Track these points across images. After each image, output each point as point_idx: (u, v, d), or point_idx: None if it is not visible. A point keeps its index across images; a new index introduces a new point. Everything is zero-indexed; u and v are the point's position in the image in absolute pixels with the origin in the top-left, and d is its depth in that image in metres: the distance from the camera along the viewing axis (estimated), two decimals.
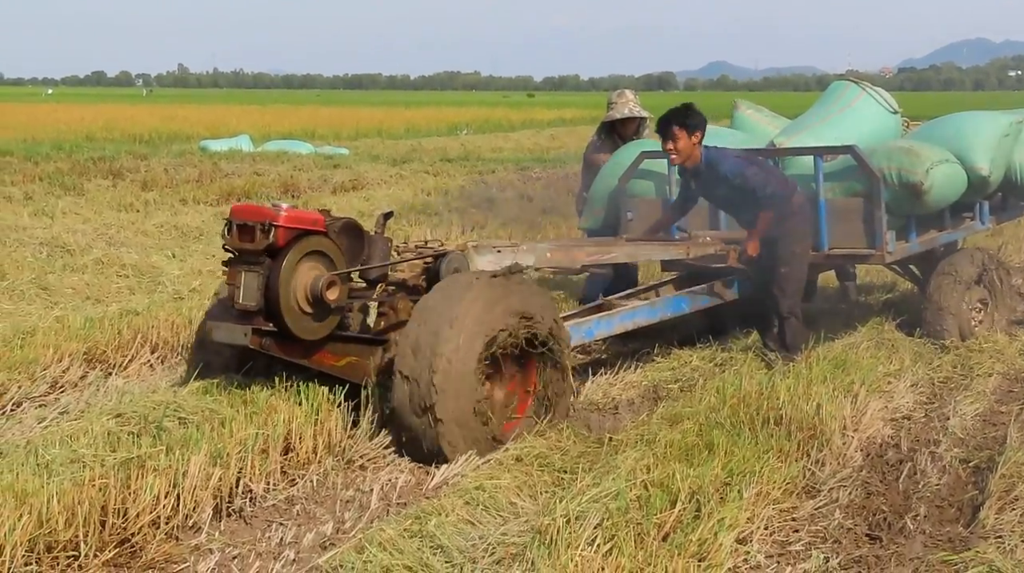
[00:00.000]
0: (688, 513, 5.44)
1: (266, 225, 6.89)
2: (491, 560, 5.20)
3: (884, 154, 9.50)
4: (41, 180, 23.51)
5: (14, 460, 5.80)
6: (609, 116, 11.48)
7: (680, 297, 9.27)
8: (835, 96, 10.80)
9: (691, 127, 9.05)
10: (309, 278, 7.06)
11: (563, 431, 7.10)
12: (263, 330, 7.08)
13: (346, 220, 7.43)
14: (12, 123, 43.76)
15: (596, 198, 10.81)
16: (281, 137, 38.80)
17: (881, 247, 9.38)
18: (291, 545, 5.67)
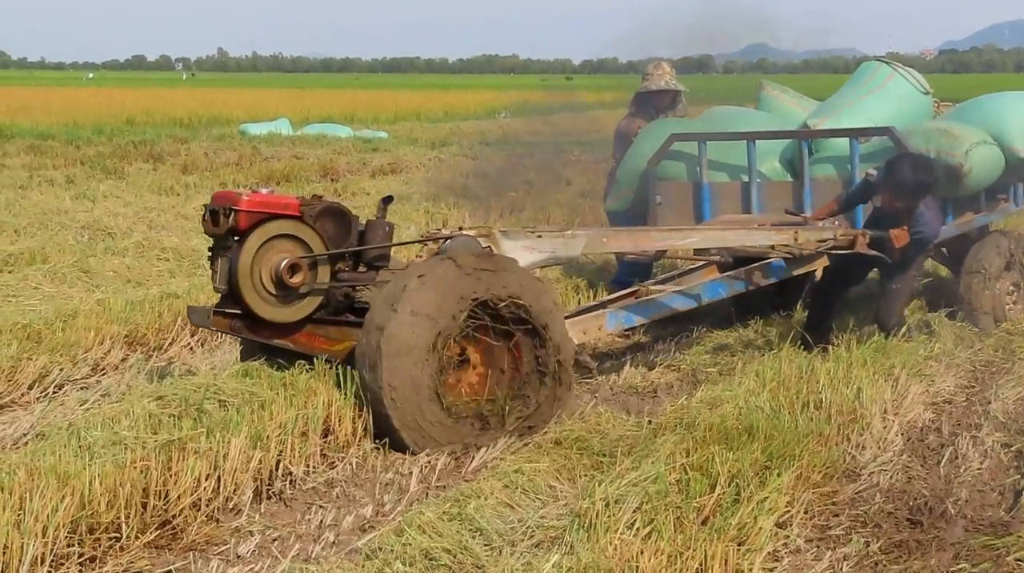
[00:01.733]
0: (728, 497, 5.43)
1: (228, 210, 6.97)
2: (530, 543, 5.20)
3: (922, 135, 9.42)
4: (83, 164, 23.65)
5: (56, 442, 5.82)
6: (644, 87, 11.36)
7: (717, 282, 9.02)
8: (866, 77, 10.68)
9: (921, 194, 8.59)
10: (272, 261, 7.07)
11: (602, 414, 7.10)
12: (228, 312, 7.12)
13: (326, 204, 7.38)
14: (54, 107, 43.97)
15: (624, 179, 10.70)
16: (320, 121, 38.87)
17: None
18: (331, 527, 5.69)
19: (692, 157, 10.17)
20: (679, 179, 10.29)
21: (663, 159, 10.20)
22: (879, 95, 10.31)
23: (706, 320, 9.77)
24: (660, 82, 11.27)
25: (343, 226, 7.37)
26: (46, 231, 14.67)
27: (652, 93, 11.30)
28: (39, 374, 7.98)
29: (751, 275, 9.03)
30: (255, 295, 7.02)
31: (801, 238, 8.91)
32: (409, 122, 43.92)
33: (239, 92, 66.47)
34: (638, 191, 10.44)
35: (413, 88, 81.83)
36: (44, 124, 33.70)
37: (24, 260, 12.30)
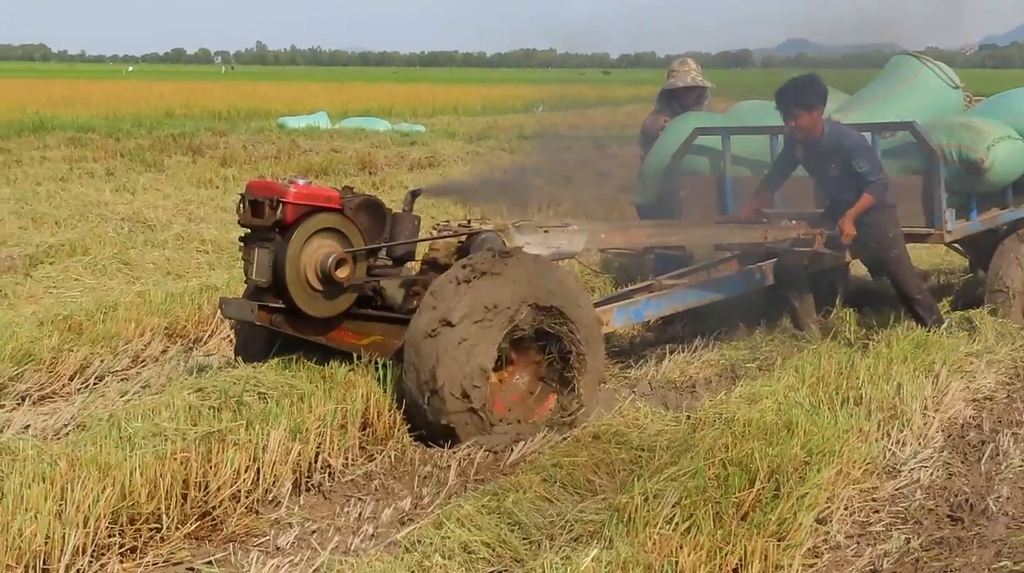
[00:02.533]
0: (767, 492, 5.41)
1: (274, 201, 6.87)
2: (569, 537, 5.19)
3: (944, 130, 9.32)
4: (122, 156, 23.77)
5: (98, 433, 5.85)
6: (670, 84, 11.27)
7: (734, 277, 9.04)
8: (895, 71, 10.57)
9: (810, 103, 8.81)
10: (319, 255, 7.01)
11: (640, 409, 7.09)
12: (272, 307, 7.04)
13: (365, 197, 7.34)
14: (94, 100, 44.16)
15: (649, 173, 10.60)
16: (358, 114, 38.95)
17: (940, 226, 9.20)
18: (369, 520, 5.70)
19: (716, 151, 10.12)
20: (703, 173, 10.23)
21: (687, 153, 10.16)
22: (908, 89, 10.22)
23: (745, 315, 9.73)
24: (686, 78, 11.17)
25: (378, 219, 7.36)
26: (86, 223, 14.77)
27: (678, 90, 11.21)
28: (80, 365, 8.03)
29: (767, 272, 9.03)
30: (301, 289, 6.96)
31: (770, 237, 9.05)
32: (447, 116, 43.97)
33: (278, 85, 66.62)
34: (663, 185, 10.37)
35: (451, 82, 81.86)
36: (84, 117, 33.84)
37: (65, 252, 12.38)
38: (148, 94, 50.49)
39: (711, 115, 10.86)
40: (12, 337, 8.00)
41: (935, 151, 9.14)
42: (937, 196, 9.17)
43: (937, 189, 9.17)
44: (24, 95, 45.41)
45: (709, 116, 10.74)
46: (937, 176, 9.15)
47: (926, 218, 9.27)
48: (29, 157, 23.27)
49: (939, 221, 9.21)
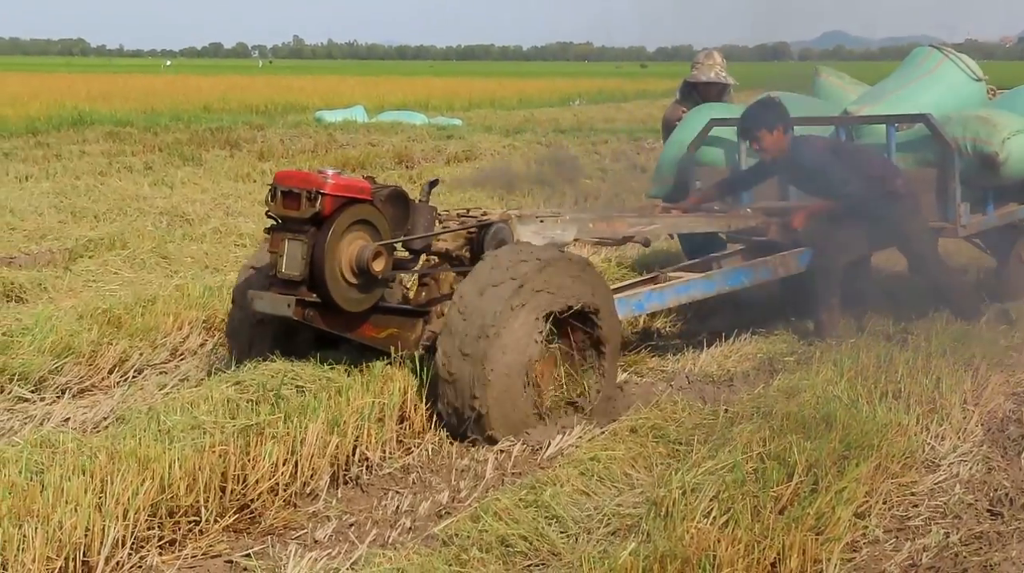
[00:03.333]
0: (805, 486, 5.40)
1: (312, 193, 6.67)
2: (606, 531, 5.19)
3: (959, 123, 9.23)
4: (161, 151, 23.87)
5: (136, 426, 5.88)
6: (692, 77, 11.17)
7: (740, 270, 8.91)
8: (915, 62, 10.45)
9: (771, 124, 9.01)
10: (355, 248, 6.86)
11: (678, 402, 7.07)
12: (307, 301, 6.86)
13: (392, 188, 7.22)
14: (132, 94, 44.37)
15: (665, 165, 10.58)
16: (395, 108, 39.03)
17: (955, 220, 9.13)
18: (407, 513, 5.70)
19: (731, 143, 10.09)
20: (718, 165, 10.21)
21: (703, 145, 10.15)
22: (927, 81, 10.08)
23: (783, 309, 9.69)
24: (709, 73, 11.07)
25: (403, 210, 7.25)
26: (125, 217, 14.83)
27: (700, 84, 11.15)
28: (119, 358, 8.06)
29: (776, 264, 8.97)
30: (336, 283, 6.83)
31: (733, 225, 9.24)
32: (483, 109, 43.99)
33: (315, 79, 66.84)
34: (678, 177, 10.35)
35: (487, 75, 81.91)
36: (123, 111, 34.02)
37: (104, 246, 12.44)
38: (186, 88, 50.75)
39: (728, 106, 10.79)
40: (52, 330, 8.05)
41: (949, 144, 9.06)
42: (952, 189, 9.09)
43: (952, 182, 9.09)
44: (63, 89, 45.72)
45: (726, 107, 10.67)
46: (952, 169, 9.08)
47: (940, 212, 9.19)
48: (68, 151, 23.40)
49: (953, 215, 9.13)
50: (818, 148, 9.10)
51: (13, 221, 14.45)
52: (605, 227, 8.37)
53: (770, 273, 8.97)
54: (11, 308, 9.49)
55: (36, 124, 28.37)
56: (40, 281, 10.55)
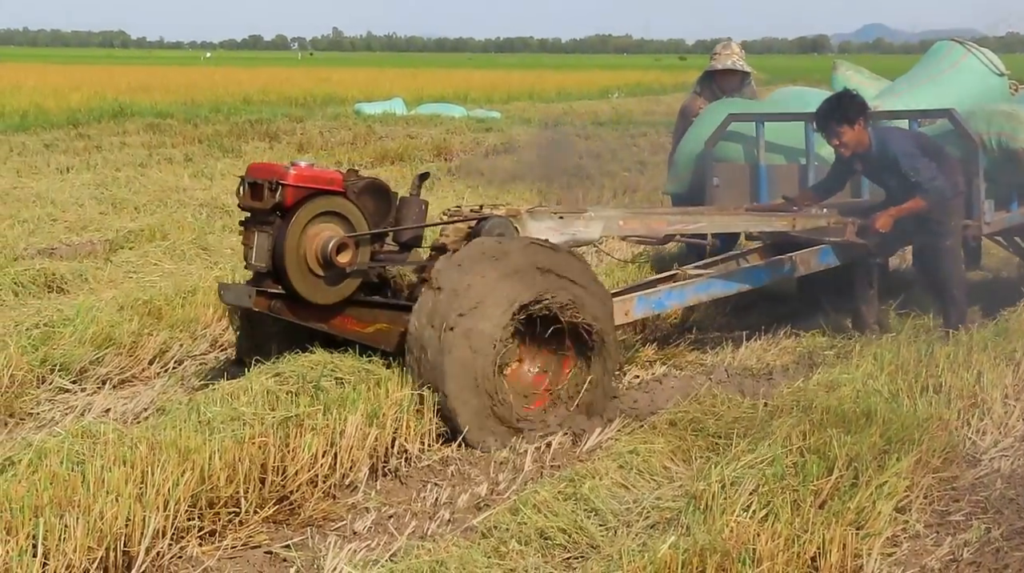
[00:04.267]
0: (846, 480, 5.38)
1: (274, 183, 6.62)
2: (645, 524, 5.19)
3: (984, 118, 9.07)
4: (200, 142, 23.96)
5: (177, 417, 5.90)
6: (711, 66, 11.03)
7: (760, 268, 8.81)
8: (938, 57, 10.32)
9: (852, 118, 8.61)
10: (320, 240, 6.76)
11: (717, 396, 7.05)
12: (270, 292, 6.80)
13: (369, 180, 7.09)
14: (172, 86, 44.52)
15: (682, 161, 10.43)
16: (434, 100, 38.97)
17: (978, 217, 8.97)
18: (446, 505, 5.72)
19: (750, 138, 9.92)
20: (736, 161, 10.04)
21: (721, 140, 9.96)
22: (949, 76, 9.94)
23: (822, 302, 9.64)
24: (727, 62, 10.92)
25: (384, 203, 7.12)
26: (165, 208, 14.89)
27: (718, 72, 11.00)
28: (159, 349, 8.10)
29: (796, 262, 8.82)
30: (301, 275, 6.73)
31: (799, 225, 8.86)
32: (522, 102, 43.92)
33: (354, 72, 66.88)
34: (695, 173, 10.16)
35: (526, 68, 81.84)
36: (163, 103, 34.13)
37: (144, 237, 12.51)
38: (226, 80, 50.85)
39: (746, 101, 10.67)
40: (93, 321, 8.09)
41: (974, 139, 8.92)
42: (975, 186, 8.94)
43: (976, 179, 8.93)
44: (104, 81, 45.92)
45: (744, 103, 10.56)
46: (975, 166, 8.93)
47: (965, 209, 8.98)
48: (109, 143, 23.51)
49: (977, 212, 8.97)
50: (903, 140, 8.80)
51: (54, 212, 14.53)
52: (639, 225, 8.27)
53: (791, 271, 8.85)
54: (52, 299, 9.56)
55: (77, 116, 28.50)
56: (81, 272, 10.61)
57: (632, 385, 7.92)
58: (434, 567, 4.71)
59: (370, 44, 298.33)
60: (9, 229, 13.21)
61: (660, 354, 8.50)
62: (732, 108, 10.15)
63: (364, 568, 4.85)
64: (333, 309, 6.97)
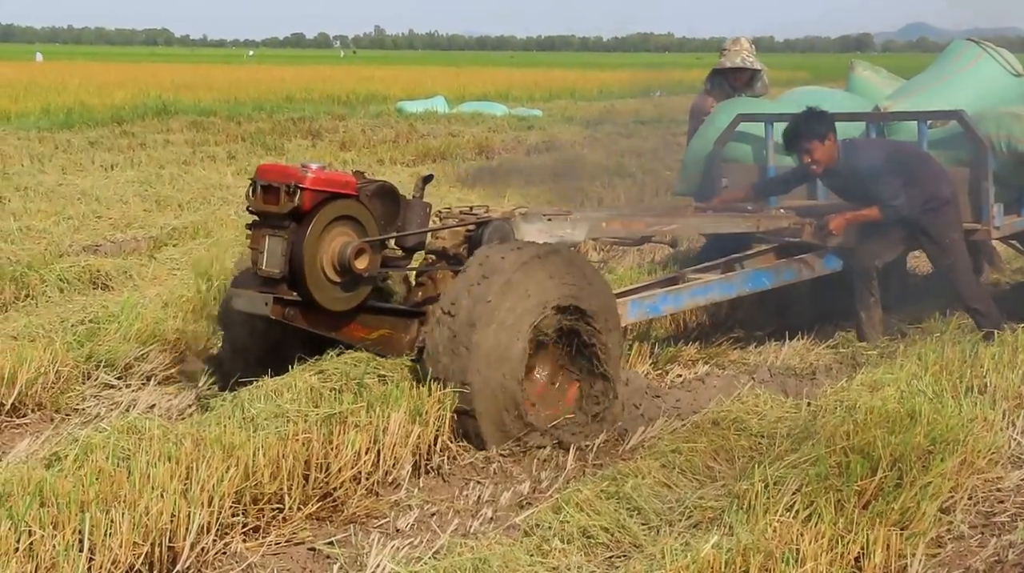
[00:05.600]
0: (890, 481, 5.35)
1: (292, 187, 6.40)
2: (688, 523, 5.19)
3: (993, 120, 8.92)
4: (243, 140, 24.06)
5: (222, 413, 5.92)
6: (720, 64, 10.85)
7: (761, 271, 8.70)
8: (952, 57, 10.15)
9: (822, 134, 8.67)
10: (337, 245, 6.58)
11: (760, 396, 7.03)
12: (286, 299, 6.59)
13: (380, 184, 6.96)
14: (216, 84, 44.73)
15: (691, 161, 10.34)
16: (476, 98, 39.01)
17: (987, 221, 8.86)
18: (488, 503, 5.72)
19: (760, 139, 9.83)
20: (745, 161, 9.95)
21: (729, 140, 9.89)
22: (962, 77, 9.78)
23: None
24: (736, 59, 10.76)
25: (392, 207, 6.99)
26: (208, 206, 14.97)
27: (727, 70, 10.86)
28: (203, 346, 8.13)
29: (799, 266, 8.77)
30: (318, 281, 6.58)
31: (762, 226, 8.87)
32: (564, 100, 43.89)
33: (396, 70, 67.00)
34: (704, 173, 10.08)
35: (568, 66, 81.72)
36: (206, 100, 34.29)
37: (188, 234, 12.58)
38: (268, 78, 51.08)
39: (757, 101, 10.56)
40: (137, 318, 8.15)
41: (983, 142, 8.78)
42: (985, 189, 8.81)
43: (985, 182, 8.81)
44: (148, 79, 46.18)
45: (754, 102, 10.45)
46: (985, 168, 8.80)
47: (973, 212, 8.90)
48: (153, 140, 23.64)
49: (986, 216, 8.86)
50: (870, 155, 8.78)
51: (99, 209, 14.62)
52: (620, 226, 8.17)
53: (793, 275, 8.77)
54: (97, 295, 9.62)
55: (121, 113, 28.68)
56: (125, 269, 10.68)
57: (675, 384, 7.91)
58: (477, 565, 4.72)
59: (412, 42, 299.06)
60: (54, 226, 13.30)
61: (703, 353, 8.48)
62: (742, 108, 10.07)
63: (407, 565, 4.85)
64: (347, 316, 6.86)
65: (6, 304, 9.50)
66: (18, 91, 35.11)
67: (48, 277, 10.03)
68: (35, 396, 7.11)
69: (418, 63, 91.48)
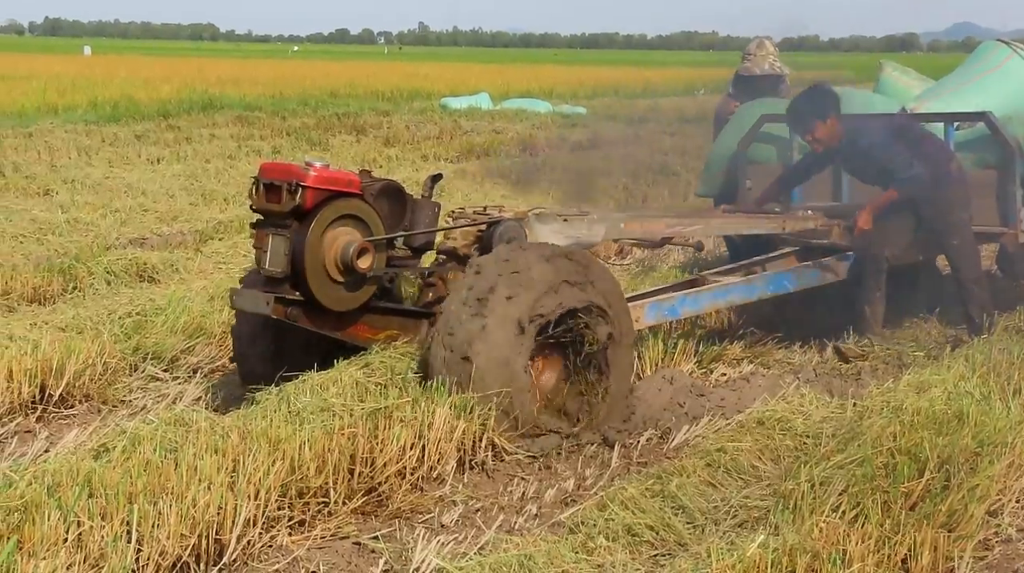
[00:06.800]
0: (937, 483, 5.32)
1: (293, 185, 6.39)
2: (733, 522, 5.18)
3: (1021, 122, 8.85)
4: (288, 135, 24.15)
5: (268, 407, 5.94)
6: (745, 70, 10.75)
7: (783, 274, 8.58)
8: (982, 57, 9.97)
9: (823, 113, 8.61)
10: (340, 244, 6.55)
11: (805, 395, 7.01)
12: (288, 299, 6.57)
13: (385, 182, 6.91)
14: (261, 79, 44.84)
15: (715, 162, 10.26)
16: (519, 95, 38.97)
17: (1015, 225, 8.75)
18: (533, 500, 5.73)
19: (783, 140, 9.72)
20: (769, 163, 9.82)
21: (754, 141, 9.78)
22: (992, 78, 9.58)
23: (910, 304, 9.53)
24: (763, 65, 10.67)
25: (399, 206, 6.96)
26: None
27: (754, 77, 10.77)
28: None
29: (822, 269, 8.64)
30: (320, 281, 6.55)
31: (788, 227, 8.75)
32: (608, 98, 43.81)
33: (440, 66, 67.02)
34: (728, 175, 9.99)
35: (612, 64, 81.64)
36: (251, 95, 34.39)
37: (233, 228, 12.64)
38: (313, 74, 51.20)
39: (781, 101, 10.21)
40: (184, 311, 8.20)
41: (1010, 144, 8.68)
42: (1011, 193, 8.72)
43: (1011, 185, 8.71)
44: (193, 74, 46.38)
45: (778, 103, 10.16)
46: (1012, 171, 8.69)
47: (1000, 217, 8.80)
48: (198, 135, 23.73)
49: (1013, 220, 8.76)
50: (876, 131, 8.65)
51: (145, 202, 14.74)
52: (638, 228, 8.05)
53: (816, 278, 8.64)
54: (144, 289, 9.69)
55: (167, 107, 28.79)
56: (172, 262, 10.75)
57: (719, 383, 7.89)
58: (522, 561, 4.72)
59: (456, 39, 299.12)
60: (102, 219, 13.41)
61: (748, 352, 8.46)
62: (766, 109, 9.94)
63: (452, 561, 4.86)
64: (350, 316, 6.83)
65: (54, 296, 9.58)
66: (66, 84, 35.36)
67: (95, 270, 10.11)
68: (83, 387, 7.17)
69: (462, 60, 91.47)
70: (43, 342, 7.21)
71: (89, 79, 39.06)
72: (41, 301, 9.47)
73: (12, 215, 13.17)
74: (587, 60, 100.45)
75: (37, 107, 28.34)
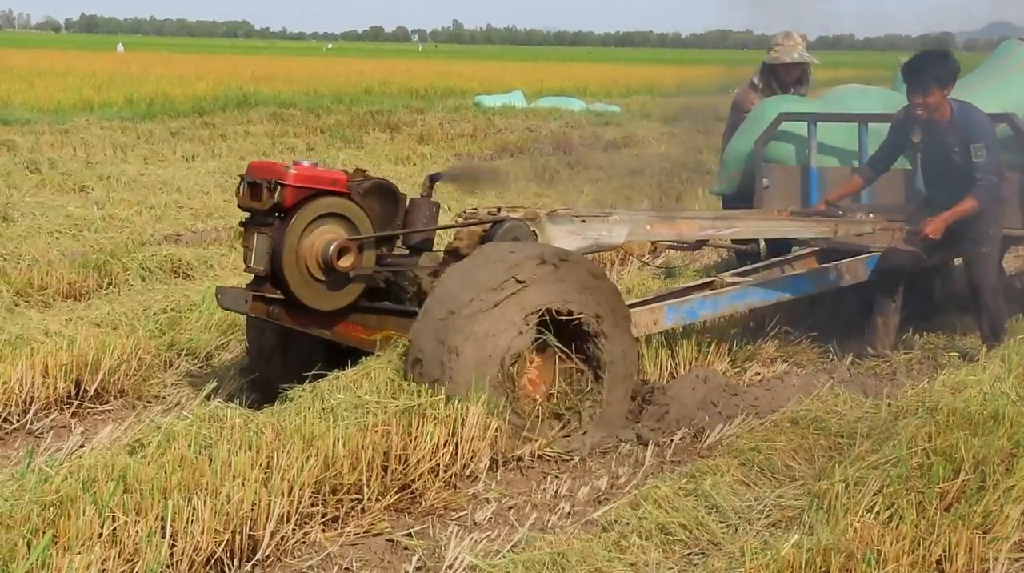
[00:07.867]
0: (972, 484, 5.29)
1: (272, 183, 6.35)
2: (767, 522, 5.17)
3: None
4: (322, 132, 24.21)
5: (302, 404, 5.94)
6: (773, 59, 10.46)
7: (803, 276, 8.47)
8: (1003, 56, 9.85)
9: (944, 79, 8.14)
10: (321, 243, 6.49)
11: (839, 395, 6.99)
12: (268, 297, 6.53)
13: (375, 181, 6.80)
14: (295, 76, 45.00)
15: (731, 159, 10.02)
16: (553, 94, 39.00)
17: None
18: (566, 498, 5.73)
19: (802, 139, 9.53)
20: (787, 162, 9.66)
21: (772, 140, 9.57)
22: (1014, 77, 9.50)
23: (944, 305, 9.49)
24: (793, 53, 10.39)
25: (391, 205, 6.87)
26: None
27: (781, 65, 10.49)
28: None
29: (842, 271, 8.45)
30: (300, 279, 6.48)
31: (840, 231, 8.51)
32: (642, 96, 43.69)
33: (474, 64, 67.08)
34: (745, 173, 9.78)
35: (646, 62, 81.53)
36: (286, 93, 34.48)
37: None
38: (347, 71, 51.31)
39: (801, 100, 10.24)
40: (218, 307, 8.20)
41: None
42: None
43: None
44: (228, 71, 46.57)
45: (796, 100, 10.14)
46: None
47: (1023, 219, 8.66)
48: (233, 132, 23.81)
49: None
50: (985, 123, 8.25)
51: (180, 199, 14.79)
52: (668, 229, 7.90)
53: (836, 280, 8.46)
54: (179, 285, 9.73)
55: (202, 104, 28.90)
56: (206, 258, 10.79)
57: (753, 382, 7.86)
58: (555, 559, 4.72)
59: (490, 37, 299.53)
60: (136, 215, 13.47)
61: (781, 351, 8.43)
62: (784, 107, 9.75)
63: (485, 558, 4.87)
64: (335, 315, 6.74)
65: (89, 292, 9.62)
66: (101, 81, 35.55)
67: (130, 266, 10.15)
68: (118, 383, 7.20)
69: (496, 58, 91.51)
70: (78, 338, 7.25)
71: (125, 76, 39.27)
72: (76, 297, 9.51)
73: (48, 211, 13.23)
74: (621, 58, 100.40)
75: (73, 104, 28.47)
